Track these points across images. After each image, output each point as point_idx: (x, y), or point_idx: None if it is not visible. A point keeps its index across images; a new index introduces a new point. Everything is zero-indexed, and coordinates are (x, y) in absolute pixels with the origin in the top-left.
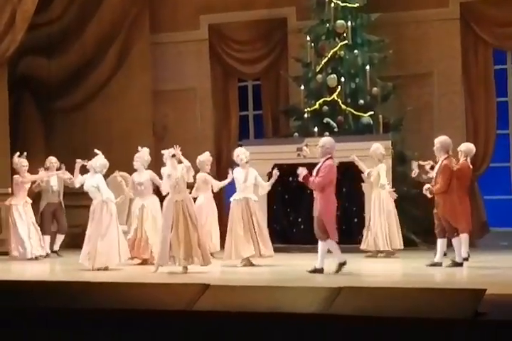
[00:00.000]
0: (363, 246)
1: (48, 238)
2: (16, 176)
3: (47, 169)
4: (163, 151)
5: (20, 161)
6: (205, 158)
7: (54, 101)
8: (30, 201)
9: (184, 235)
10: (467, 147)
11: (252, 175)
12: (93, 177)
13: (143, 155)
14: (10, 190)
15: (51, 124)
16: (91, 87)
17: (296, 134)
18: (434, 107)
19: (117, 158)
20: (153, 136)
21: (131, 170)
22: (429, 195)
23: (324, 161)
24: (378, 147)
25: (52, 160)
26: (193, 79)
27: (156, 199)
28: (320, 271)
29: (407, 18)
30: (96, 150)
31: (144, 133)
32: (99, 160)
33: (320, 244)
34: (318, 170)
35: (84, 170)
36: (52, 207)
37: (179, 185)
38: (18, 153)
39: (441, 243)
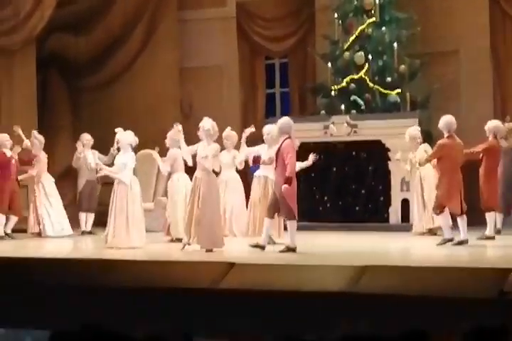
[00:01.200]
0: (422, 227)
1: (91, 215)
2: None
3: (83, 146)
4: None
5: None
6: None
7: (81, 79)
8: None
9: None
10: (495, 125)
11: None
12: (124, 155)
13: (172, 133)
14: None
15: (78, 101)
16: (118, 64)
17: (323, 112)
18: (461, 85)
19: (144, 135)
20: (180, 113)
21: (160, 147)
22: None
23: (283, 142)
24: (415, 130)
25: (88, 137)
26: (219, 56)
27: (185, 176)
28: (293, 249)
29: None
30: (116, 129)
31: (170, 110)
32: (128, 138)
33: (288, 222)
34: (280, 152)
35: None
36: (91, 185)
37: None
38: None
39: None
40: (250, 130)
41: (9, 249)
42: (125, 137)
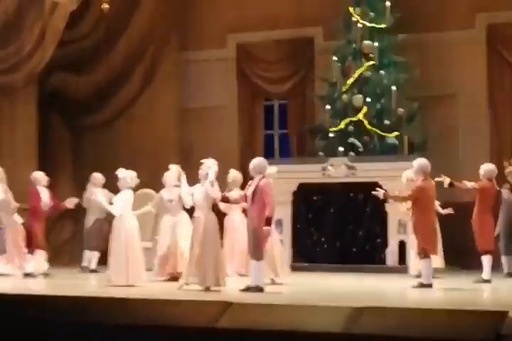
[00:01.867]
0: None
1: (97, 254)
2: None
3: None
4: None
5: None
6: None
7: (82, 119)
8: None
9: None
10: (490, 169)
11: None
12: (122, 192)
13: (172, 172)
14: None
15: (79, 141)
16: (119, 104)
17: (321, 153)
18: (460, 129)
19: (144, 175)
20: (180, 154)
21: (157, 188)
22: (381, 197)
23: (260, 181)
24: (412, 172)
25: (98, 176)
26: (219, 97)
27: (186, 215)
28: (260, 289)
29: (433, 39)
30: (117, 171)
31: (171, 151)
32: (127, 177)
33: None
34: (257, 191)
35: None
36: (100, 223)
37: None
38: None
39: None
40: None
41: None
42: (125, 177)
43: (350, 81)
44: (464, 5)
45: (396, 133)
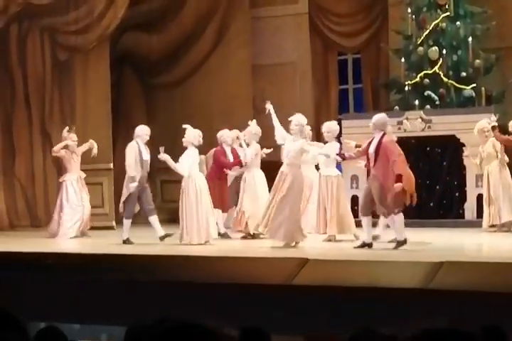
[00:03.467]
0: (488, 223)
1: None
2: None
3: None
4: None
5: (70, 136)
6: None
7: (155, 77)
8: (84, 175)
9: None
10: None
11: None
12: (186, 152)
13: (251, 129)
14: (112, 165)
15: (152, 100)
16: (191, 62)
17: (396, 108)
18: None
19: (216, 132)
20: (253, 110)
21: None
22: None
23: (382, 138)
24: (483, 123)
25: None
26: (292, 53)
27: (260, 172)
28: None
29: None
30: (184, 126)
31: (244, 107)
32: (190, 136)
33: (367, 218)
34: (381, 148)
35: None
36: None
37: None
38: (67, 128)
39: None
40: None
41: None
42: (188, 135)
43: (425, 33)
44: None
45: (473, 85)
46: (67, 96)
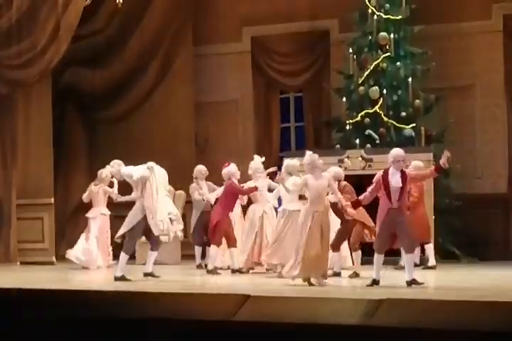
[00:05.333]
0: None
1: (199, 249)
2: (96, 186)
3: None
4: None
5: (106, 172)
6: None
7: (98, 112)
8: (109, 213)
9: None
10: None
11: None
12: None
13: (254, 163)
14: (53, 200)
15: (95, 135)
16: (134, 98)
17: (337, 146)
18: (476, 120)
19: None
20: (195, 147)
21: (173, 181)
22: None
23: (404, 172)
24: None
25: (203, 170)
26: (235, 91)
27: (270, 205)
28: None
29: (449, 30)
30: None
31: (186, 144)
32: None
33: (382, 256)
34: (407, 182)
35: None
36: (206, 217)
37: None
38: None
39: None
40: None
41: None
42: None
43: (366, 73)
44: None
45: (413, 124)
46: (9, 131)
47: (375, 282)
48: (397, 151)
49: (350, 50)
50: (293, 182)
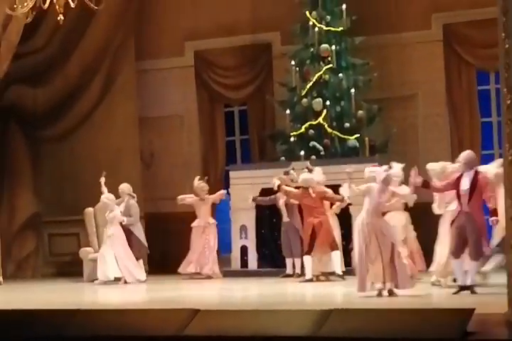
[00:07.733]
0: None
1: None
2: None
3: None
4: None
5: (201, 185)
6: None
7: (41, 130)
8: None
9: None
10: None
11: None
12: None
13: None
14: None
15: (38, 153)
16: (77, 115)
17: (282, 158)
18: (419, 129)
19: (106, 185)
20: (141, 163)
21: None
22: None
23: (476, 176)
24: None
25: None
26: (179, 105)
27: None
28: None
29: (390, 40)
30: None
31: (131, 160)
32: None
33: (460, 262)
34: (478, 185)
35: None
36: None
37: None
38: (198, 177)
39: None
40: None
41: None
42: None
43: (308, 85)
44: (419, 6)
45: (356, 135)
46: None
47: (462, 288)
48: (467, 155)
49: (293, 63)
50: None
